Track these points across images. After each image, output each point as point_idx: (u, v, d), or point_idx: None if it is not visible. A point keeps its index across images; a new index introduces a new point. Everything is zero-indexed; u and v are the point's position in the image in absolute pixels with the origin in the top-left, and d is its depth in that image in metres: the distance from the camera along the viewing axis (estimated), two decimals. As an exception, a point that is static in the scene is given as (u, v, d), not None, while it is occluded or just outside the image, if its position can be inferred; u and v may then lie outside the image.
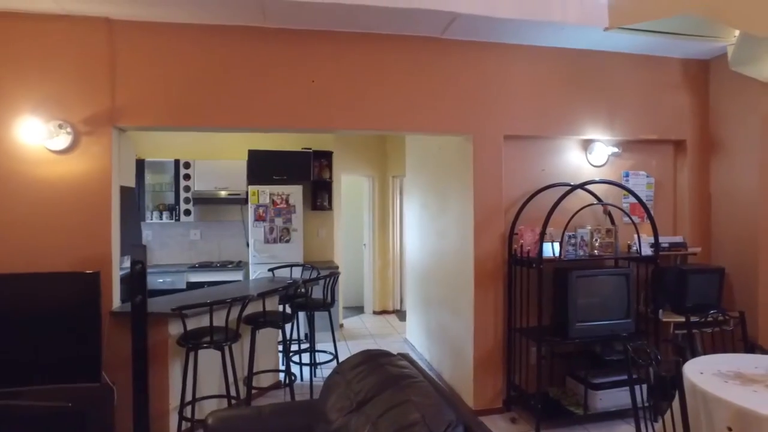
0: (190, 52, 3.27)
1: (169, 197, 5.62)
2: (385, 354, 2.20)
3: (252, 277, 5.37)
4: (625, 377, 3.40)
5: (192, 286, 5.20)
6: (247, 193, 5.51)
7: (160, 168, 5.59)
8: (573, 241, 3.56)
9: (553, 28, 3.40)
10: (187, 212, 5.57)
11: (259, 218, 5.41)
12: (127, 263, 3.48)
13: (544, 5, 3.26)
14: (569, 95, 3.81)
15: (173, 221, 5.58)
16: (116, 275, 3.28)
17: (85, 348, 2.82)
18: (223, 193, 5.61)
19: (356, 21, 3.31)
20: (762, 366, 2.40)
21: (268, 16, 3.21)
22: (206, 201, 5.61)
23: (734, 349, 3.15)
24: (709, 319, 3.10)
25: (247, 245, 5.62)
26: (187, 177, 5.57)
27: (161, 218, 5.58)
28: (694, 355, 2.98)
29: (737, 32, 3.37)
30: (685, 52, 3.88)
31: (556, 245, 3.51)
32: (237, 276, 5.41)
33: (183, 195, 5.53)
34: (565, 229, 3.48)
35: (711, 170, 4.06)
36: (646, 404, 2.62)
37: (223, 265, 5.50)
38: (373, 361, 2.10)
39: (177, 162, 5.53)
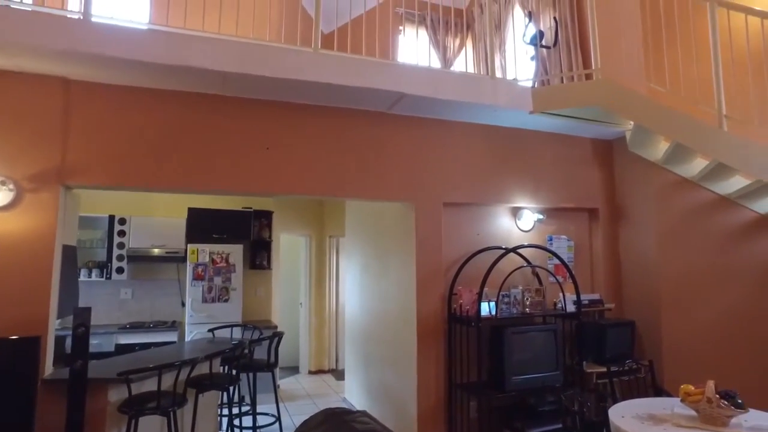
0: (147, 115, 3.34)
1: (101, 254, 5.39)
2: (346, 412, 2.29)
3: (188, 337, 5.19)
4: (557, 426, 3.69)
5: (121, 348, 4.93)
6: (185, 251, 5.42)
7: (92, 223, 5.38)
8: (507, 300, 3.89)
9: (487, 109, 3.86)
10: (120, 270, 5.35)
11: (197, 277, 5.31)
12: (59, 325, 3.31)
13: (480, 91, 3.73)
14: (501, 167, 4.26)
15: (103, 279, 5.32)
16: (51, 340, 3.11)
17: (17, 421, 2.63)
18: (159, 251, 5.48)
19: (311, 95, 3.57)
20: (668, 407, 2.78)
21: (227, 86, 3.39)
22: (141, 259, 5.43)
23: (646, 394, 3.55)
24: (626, 368, 3.49)
25: (183, 304, 5.46)
26: (121, 233, 5.39)
27: (90, 276, 5.30)
28: (615, 401, 3.32)
29: (631, 122, 4.04)
30: (593, 133, 4.52)
31: (492, 304, 3.82)
32: (171, 337, 5.20)
33: (116, 252, 5.32)
34: (500, 289, 3.81)
35: (619, 235, 4.63)
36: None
37: (157, 326, 5.27)
38: (337, 418, 2.18)
39: (112, 218, 5.36)
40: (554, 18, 5.17)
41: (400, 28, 7.05)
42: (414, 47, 6.67)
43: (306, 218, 7.29)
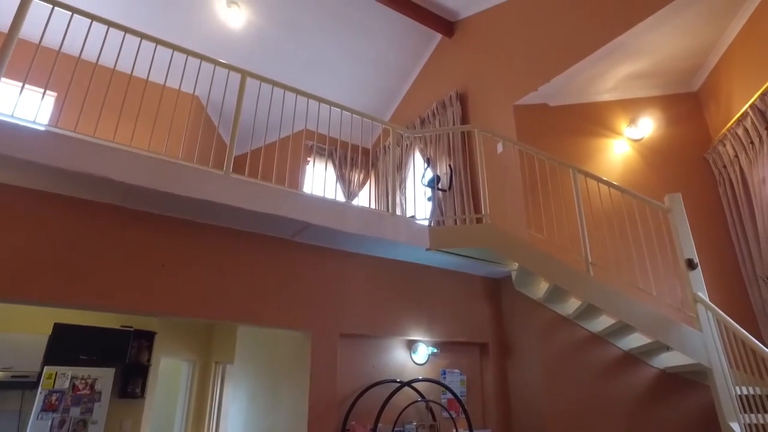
0: (22, 218, 3.03)
1: None
2: None
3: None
4: None
5: None
6: (39, 375, 4.64)
7: None
8: (401, 437, 3.76)
9: (387, 244, 4.06)
10: (-57, 399, 4.40)
11: (48, 407, 4.51)
12: None
13: (381, 226, 3.96)
14: (398, 300, 4.37)
15: None
16: None
17: None
18: (1, 375, 4.63)
19: (216, 216, 3.53)
20: None
21: (129, 199, 3.27)
22: (-25, 384, 4.54)
23: None
24: None
25: (21, 444, 4.53)
26: (-46, 352, 4.54)
27: None
28: None
29: (516, 263, 4.46)
30: (484, 272, 4.88)
31: (386, 442, 3.66)
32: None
33: (-57, 376, 4.42)
34: (395, 424, 3.69)
35: (508, 368, 4.81)
36: None
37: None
38: None
39: (-53, 332, 4.54)
40: (449, 165, 5.84)
41: (309, 159, 7.47)
42: (321, 178, 7.03)
43: (192, 341, 6.71)
